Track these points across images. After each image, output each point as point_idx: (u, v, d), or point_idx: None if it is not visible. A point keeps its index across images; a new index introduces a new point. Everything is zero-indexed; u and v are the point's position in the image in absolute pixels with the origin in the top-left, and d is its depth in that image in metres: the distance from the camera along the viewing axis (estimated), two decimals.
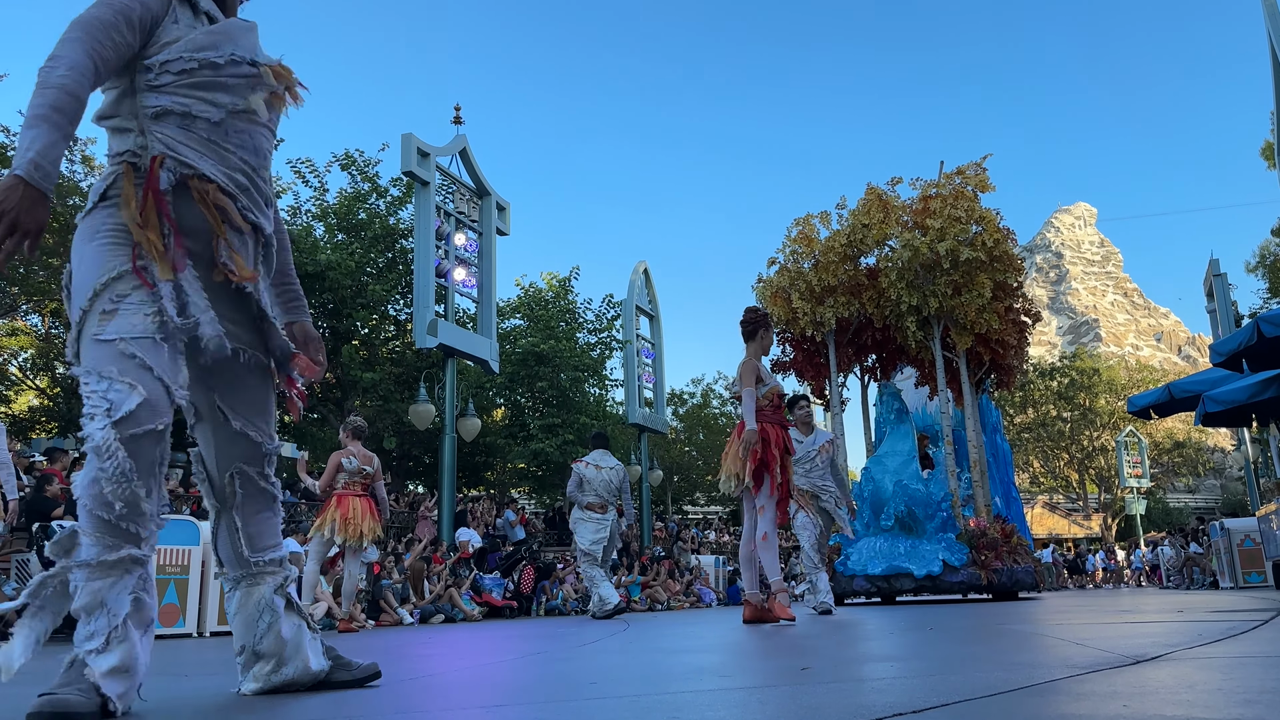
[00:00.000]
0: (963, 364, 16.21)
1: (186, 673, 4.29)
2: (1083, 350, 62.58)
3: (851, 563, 14.49)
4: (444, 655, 5.21)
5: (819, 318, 16.23)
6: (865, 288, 16.18)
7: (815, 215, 17.16)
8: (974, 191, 16.04)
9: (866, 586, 14.28)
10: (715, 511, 43.95)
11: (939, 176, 16.52)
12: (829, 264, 16.22)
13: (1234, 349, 11.62)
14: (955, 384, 16.40)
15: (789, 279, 16.63)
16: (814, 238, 16.83)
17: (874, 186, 16.79)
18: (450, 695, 2.91)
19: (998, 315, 15.71)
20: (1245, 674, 2.60)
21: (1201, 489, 67.08)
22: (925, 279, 15.61)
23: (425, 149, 16.83)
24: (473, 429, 18.30)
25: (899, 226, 15.95)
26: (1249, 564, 18.22)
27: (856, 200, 16.79)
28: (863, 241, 16.07)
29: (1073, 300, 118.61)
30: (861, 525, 15.28)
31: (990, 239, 15.40)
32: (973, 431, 16.14)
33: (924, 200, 16.19)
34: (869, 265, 16.48)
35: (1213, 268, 27.36)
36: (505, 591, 15.50)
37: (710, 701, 2.39)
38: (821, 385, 17.60)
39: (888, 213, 16.11)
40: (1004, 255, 15.66)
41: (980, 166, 16.39)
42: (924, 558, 13.99)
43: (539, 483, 29.02)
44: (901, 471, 15.47)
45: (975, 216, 15.64)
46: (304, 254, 17.61)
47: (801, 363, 17.58)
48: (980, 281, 15.36)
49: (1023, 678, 2.62)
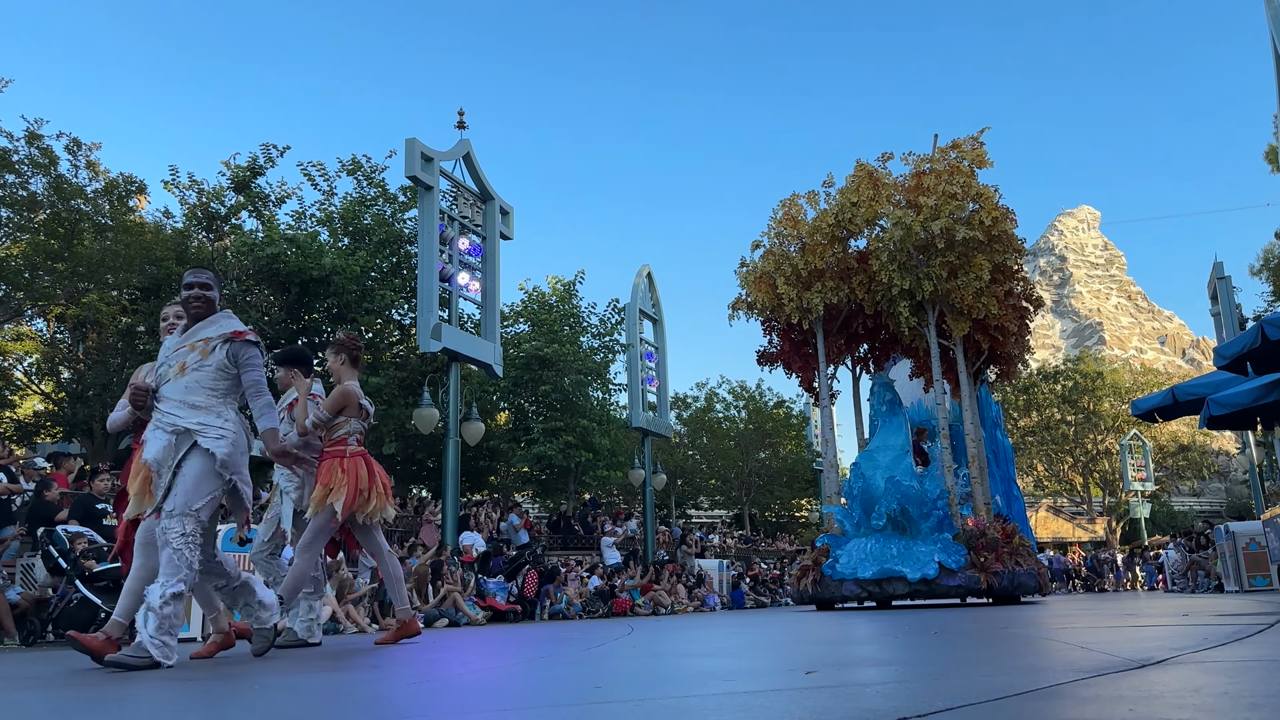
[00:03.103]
0: (959, 353, 15.16)
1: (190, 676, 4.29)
2: (1086, 354, 62.53)
3: (840, 566, 13.65)
4: (448, 659, 5.21)
5: (806, 304, 15.12)
6: (855, 272, 15.10)
7: (802, 195, 15.95)
8: (970, 167, 14.86)
9: (857, 591, 13.43)
10: (719, 515, 43.90)
11: (933, 150, 15.35)
12: (816, 246, 15.11)
13: (1238, 352, 11.57)
14: (952, 375, 15.41)
15: (774, 263, 15.52)
16: (800, 219, 15.69)
17: (863, 163, 15.48)
18: (455, 699, 2.91)
19: (996, 300, 14.61)
20: (1251, 678, 2.59)
21: (1206, 492, 66.90)
22: (918, 261, 14.49)
23: (429, 154, 16.86)
24: (476, 433, 18.31)
25: (890, 205, 14.79)
26: (1254, 568, 18.17)
27: (845, 178, 15.55)
28: (851, 221, 14.92)
29: (1076, 304, 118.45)
30: (851, 525, 14.44)
31: (988, 217, 14.28)
32: (970, 424, 15.17)
33: (917, 177, 15.01)
34: (859, 249, 15.39)
35: (1217, 271, 27.33)
36: (509, 595, 15.49)
37: (715, 706, 2.39)
38: (810, 377, 16.54)
39: (878, 190, 14.95)
40: (1003, 235, 14.55)
41: (977, 140, 15.18)
42: (918, 560, 13.14)
43: (543, 487, 28.97)
44: (894, 467, 14.49)
45: (972, 193, 14.51)
46: (309, 259, 17.65)
47: (788, 353, 16.49)
48: (978, 263, 14.28)
49: (1027, 682, 2.62)
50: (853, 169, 15.53)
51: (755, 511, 41.96)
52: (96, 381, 17.93)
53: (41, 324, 19.82)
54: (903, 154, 15.44)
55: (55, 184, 16.91)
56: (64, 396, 18.88)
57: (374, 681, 3.63)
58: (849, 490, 14.77)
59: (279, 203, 20.01)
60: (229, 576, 5.61)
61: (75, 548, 9.06)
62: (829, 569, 13.70)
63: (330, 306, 18.91)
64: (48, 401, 19.41)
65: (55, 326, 19.76)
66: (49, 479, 11.26)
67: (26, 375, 19.65)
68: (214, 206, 19.53)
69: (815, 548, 14.99)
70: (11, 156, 16.41)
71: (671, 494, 38.04)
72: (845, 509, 14.96)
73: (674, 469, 37.00)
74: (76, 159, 17.51)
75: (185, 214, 19.54)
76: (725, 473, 40.71)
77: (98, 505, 10.52)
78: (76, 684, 3.82)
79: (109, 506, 10.88)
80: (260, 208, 19.75)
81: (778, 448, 41.15)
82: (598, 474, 25.41)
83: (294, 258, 17.67)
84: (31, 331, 19.63)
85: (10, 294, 17.64)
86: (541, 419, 24.12)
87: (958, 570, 13.07)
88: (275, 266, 17.73)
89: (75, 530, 9.44)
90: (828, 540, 14.60)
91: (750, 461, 40.05)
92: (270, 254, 17.56)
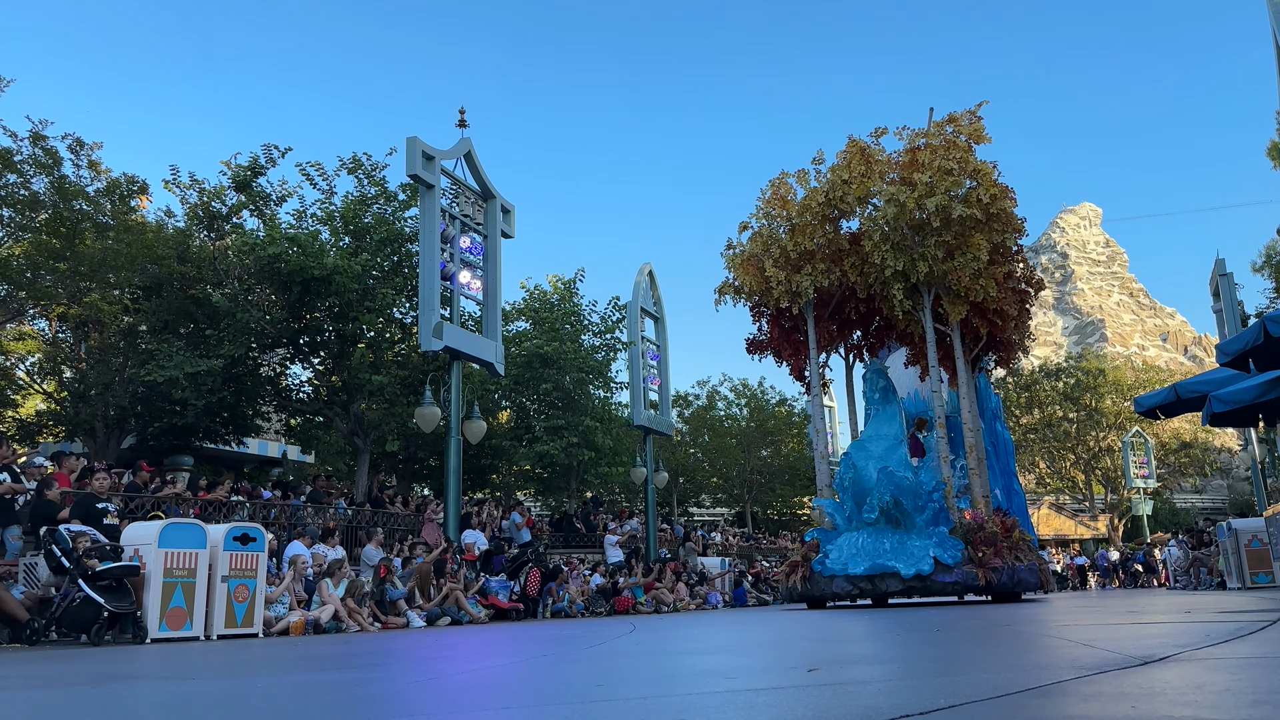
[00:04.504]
0: (956, 338, 14.41)
1: (194, 676, 4.29)
2: (1088, 351, 62.50)
3: (830, 561, 12.94)
4: (451, 658, 5.21)
5: (795, 287, 14.34)
6: (847, 253, 14.38)
7: (791, 174, 15.14)
8: (968, 142, 14.12)
9: (848, 588, 12.76)
10: (721, 514, 43.91)
11: (928, 125, 14.54)
12: (805, 226, 14.37)
13: (1240, 349, 11.57)
14: (949, 362, 14.67)
15: (761, 245, 14.80)
16: (790, 199, 14.94)
17: (855, 139, 14.65)
18: (458, 697, 2.91)
19: (995, 282, 13.86)
20: (1253, 675, 2.59)
21: (1208, 489, 66.83)
22: (913, 240, 13.76)
23: (430, 152, 16.85)
24: (478, 431, 18.31)
25: (883, 182, 14.04)
26: (1256, 565, 18.14)
27: (836, 155, 14.73)
28: (843, 200, 14.13)
29: (1078, 301, 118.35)
30: (843, 518, 13.70)
31: (986, 194, 13.53)
32: (968, 413, 14.40)
33: (911, 152, 14.26)
34: (852, 231, 14.68)
35: (1219, 267, 27.29)
36: (511, 594, 15.50)
37: (717, 704, 2.39)
38: (801, 365, 15.79)
39: (870, 167, 14.17)
40: (1002, 214, 13.80)
41: (975, 115, 14.41)
42: (912, 555, 12.48)
43: (544, 485, 28.99)
44: (887, 457, 13.75)
45: (969, 169, 13.78)
46: (310, 258, 17.65)
47: (778, 340, 15.77)
48: (975, 243, 13.54)
49: (1030, 679, 2.62)
50: (844, 146, 14.73)
51: (757, 509, 41.98)
52: (98, 381, 17.94)
53: (43, 323, 19.83)
54: (896, 128, 14.56)
55: (57, 184, 16.92)
56: (66, 396, 18.89)
57: (378, 680, 3.63)
58: (840, 482, 14.08)
59: (280, 202, 20.00)
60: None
61: (78, 547, 9.08)
62: (818, 565, 12.98)
63: (332, 305, 18.91)
64: (50, 401, 19.42)
65: (57, 326, 19.77)
66: (51, 478, 11.28)
67: (29, 375, 19.66)
68: (215, 206, 19.53)
69: (805, 543, 14.28)
70: (14, 156, 16.41)
71: (673, 492, 38.06)
72: (836, 502, 14.27)
73: (676, 467, 37.02)
74: (79, 159, 17.50)
75: (186, 213, 19.53)
76: (727, 471, 40.72)
77: (98, 504, 10.54)
78: (81, 683, 3.82)
79: (109, 505, 10.90)
80: (261, 207, 19.74)
81: (780, 445, 41.15)
82: (599, 472, 25.40)
83: (295, 257, 17.67)
84: (34, 331, 19.64)
85: (12, 293, 17.65)
86: (543, 417, 24.13)
87: (954, 566, 12.40)
88: (277, 266, 17.73)
89: (78, 529, 9.46)
90: (817, 535, 13.87)
91: (752, 459, 40.07)
92: (271, 253, 17.56)
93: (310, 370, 20.61)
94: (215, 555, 9.90)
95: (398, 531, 16.99)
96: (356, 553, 14.44)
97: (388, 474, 22.55)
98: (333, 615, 11.23)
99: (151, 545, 9.44)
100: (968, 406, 14.50)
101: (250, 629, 10.07)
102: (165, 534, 9.57)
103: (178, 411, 17.69)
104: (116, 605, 8.84)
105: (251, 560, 10.23)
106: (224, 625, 9.82)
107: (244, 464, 25.10)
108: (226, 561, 9.95)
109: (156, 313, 18.45)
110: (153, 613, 9.24)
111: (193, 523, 10.36)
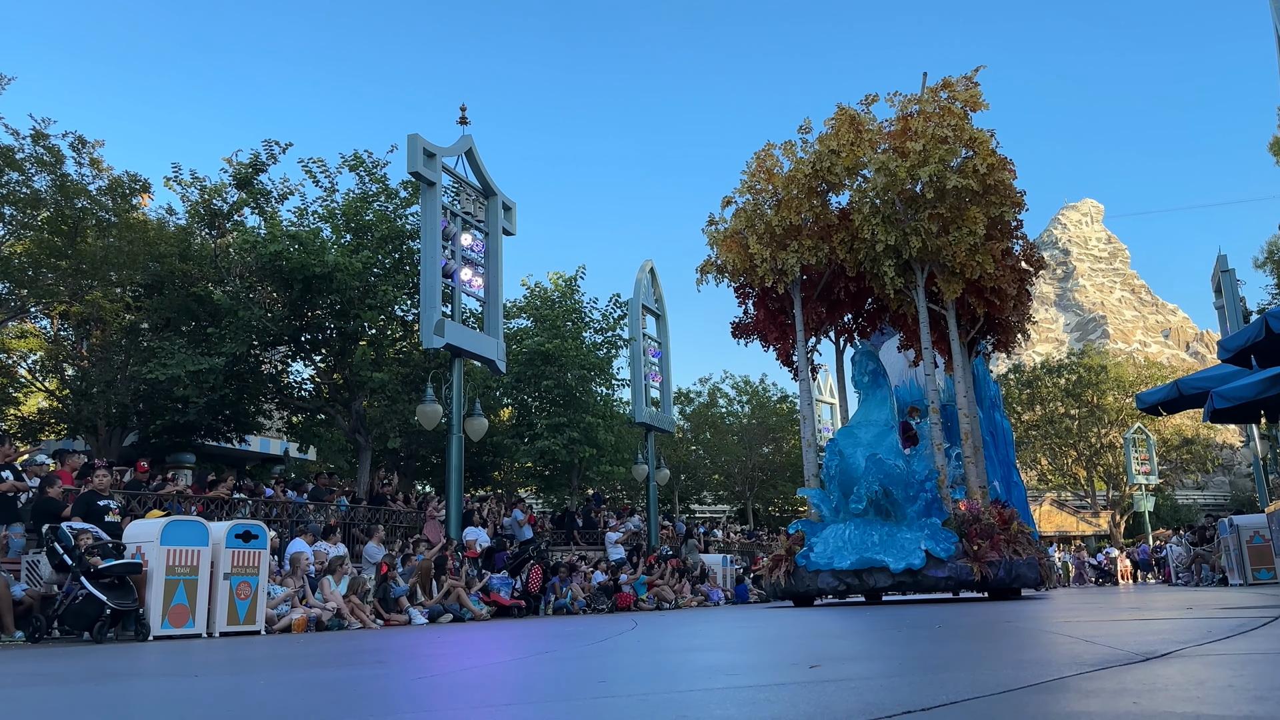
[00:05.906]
0: (951, 318, 13.56)
1: (196, 673, 4.30)
2: (1090, 347, 62.32)
3: (815, 555, 12.22)
4: (453, 654, 5.22)
5: (781, 265, 13.43)
6: (836, 229, 13.50)
7: (777, 145, 14.17)
8: (964, 109, 13.23)
9: (834, 584, 12.10)
10: (722, 510, 43.92)
11: (921, 91, 13.64)
12: (792, 200, 13.43)
13: (1242, 345, 11.55)
14: (944, 345, 13.80)
15: (745, 220, 13.93)
16: (775, 171, 14.01)
17: (844, 107, 13.70)
18: (460, 694, 2.92)
19: (993, 258, 12.99)
20: (1255, 671, 2.59)
21: (1210, 485, 66.79)
22: (905, 214, 12.88)
23: (431, 149, 16.85)
24: (480, 429, 18.31)
25: (874, 151, 13.14)
26: (1258, 561, 18.12)
27: (824, 123, 13.76)
28: (831, 171, 13.20)
29: (1080, 297, 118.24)
30: (829, 509, 12.92)
31: (983, 165, 12.63)
32: (964, 397, 13.48)
33: (903, 120, 13.36)
34: (841, 207, 13.82)
35: (1221, 264, 27.26)
36: (513, 591, 15.51)
37: (719, 700, 2.40)
38: (788, 349, 14.93)
39: (859, 136, 13.27)
40: (1000, 185, 12.90)
41: (971, 80, 13.50)
42: (902, 548, 11.73)
43: (546, 482, 28.99)
44: (876, 444, 12.94)
45: (964, 138, 12.88)
46: (312, 255, 17.65)
47: (764, 323, 14.94)
48: (971, 216, 12.66)
49: (1032, 675, 2.62)
50: (833, 112, 13.82)
51: (759, 506, 41.97)
52: (100, 378, 17.96)
53: (45, 321, 19.83)
54: (888, 94, 13.64)
55: (59, 182, 16.93)
56: (68, 394, 18.90)
57: (381, 677, 3.63)
58: (826, 471, 13.25)
59: (281, 199, 20.00)
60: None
61: (80, 544, 9.09)
62: (803, 559, 12.24)
63: (333, 303, 18.92)
64: (52, 399, 19.44)
65: (59, 324, 19.77)
66: (53, 475, 11.29)
67: (31, 373, 19.67)
68: (216, 203, 19.53)
69: (789, 535, 13.46)
70: (16, 154, 16.42)
71: (675, 489, 38.07)
72: (822, 492, 13.48)
73: (677, 464, 37.01)
74: (80, 157, 17.51)
75: (188, 211, 19.53)
76: (728, 468, 40.72)
77: (100, 501, 10.56)
78: (84, 680, 3.83)
79: (111, 502, 10.92)
80: (263, 204, 19.75)
81: (781, 442, 41.13)
82: (601, 469, 25.41)
83: (297, 254, 17.66)
84: (35, 329, 19.64)
85: (14, 291, 17.67)
86: (545, 414, 24.13)
87: (947, 560, 11.66)
88: (278, 263, 17.73)
89: (80, 527, 9.48)
90: (802, 526, 13.07)
91: (753, 456, 40.07)
92: (273, 251, 17.56)
93: (312, 368, 20.63)
94: (217, 552, 9.92)
95: (400, 529, 17.01)
96: (358, 550, 14.46)
97: (389, 471, 22.57)
98: (335, 612, 11.25)
99: (154, 543, 9.46)
100: (963, 391, 13.63)
101: (252, 626, 10.09)
102: (167, 531, 9.58)
103: (179, 409, 17.71)
104: (119, 603, 8.85)
105: (254, 557, 10.25)
106: (226, 622, 9.84)
107: (246, 461, 25.12)
108: (229, 559, 9.97)
109: (158, 310, 18.45)
110: (155, 610, 9.26)
111: (195, 520, 10.37)
